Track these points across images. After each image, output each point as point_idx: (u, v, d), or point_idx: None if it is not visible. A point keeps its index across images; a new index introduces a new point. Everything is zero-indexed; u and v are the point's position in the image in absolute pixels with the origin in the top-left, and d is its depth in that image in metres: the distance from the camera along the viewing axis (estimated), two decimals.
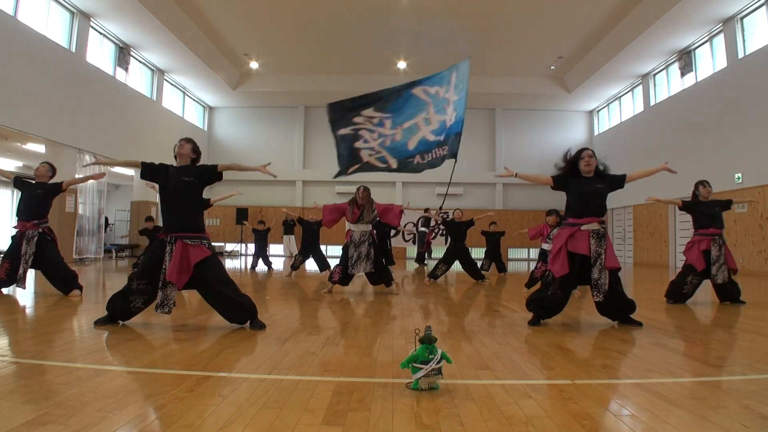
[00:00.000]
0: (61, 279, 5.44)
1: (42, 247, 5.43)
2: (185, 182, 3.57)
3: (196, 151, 3.83)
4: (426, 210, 11.79)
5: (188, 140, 3.81)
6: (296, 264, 9.19)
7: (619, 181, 3.96)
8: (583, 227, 3.80)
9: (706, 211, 5.64)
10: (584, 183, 3.89)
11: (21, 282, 5.34)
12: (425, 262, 13.65)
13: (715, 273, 5.40)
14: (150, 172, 3.67)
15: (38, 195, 5.57)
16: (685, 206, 5.81)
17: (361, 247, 5.99)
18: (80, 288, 5.50)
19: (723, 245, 5.50)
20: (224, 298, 3.53)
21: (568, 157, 4.01)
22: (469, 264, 8.36)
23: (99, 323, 3.59)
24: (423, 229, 13.79)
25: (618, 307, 3.90)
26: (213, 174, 3.70)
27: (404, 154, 6.16)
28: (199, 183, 3.68)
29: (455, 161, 6.03)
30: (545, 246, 6.71)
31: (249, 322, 3.62)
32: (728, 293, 5.54)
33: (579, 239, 3.79)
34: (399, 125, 6.11)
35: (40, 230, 5.50)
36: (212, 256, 3.59)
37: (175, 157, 3.76)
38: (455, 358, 2.76)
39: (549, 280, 3.86)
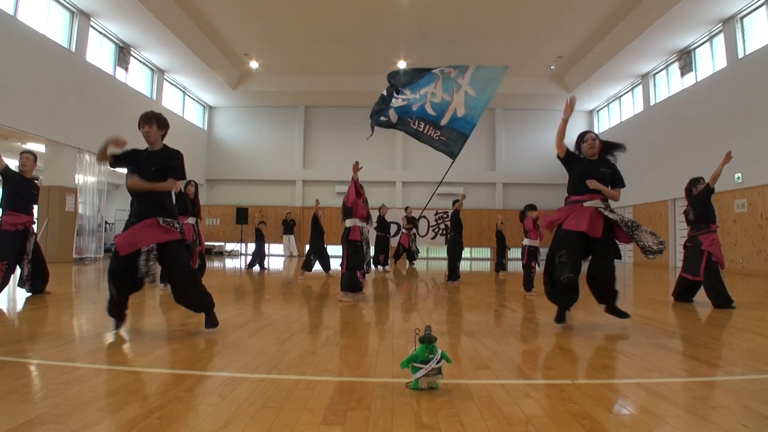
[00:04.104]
0: (43, 275, 5.32)
1: (35, 246, 5.31)
2: (154, 171, 3.33)
3: (162, 126, 3.48)
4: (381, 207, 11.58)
5: (149, 120, 3.40)
6: (310, 264, 8.99)
7: (620, 180, 3.90)
8: (585, 204, 3.76)
9: (711, 205, 5.62)
10: (588, 164, 3.87)
11: (26, 284, 5.18)
12: (396, 260, 13.69)
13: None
14: (118, 159, 3.42)
15: (35, 196, 5.35)
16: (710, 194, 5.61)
17: (369, 245, 6.00)
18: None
19: None
20: (183, 285, 3.35)
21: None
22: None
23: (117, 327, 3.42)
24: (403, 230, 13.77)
25: (605, 289, 3.85)
26: (180, 171, 3.45)
27: (405, 111, 6.12)
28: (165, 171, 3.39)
29: (452, 162, 5.98)
30: (525, 242, 6.76)
31: (205, 316, 3.46)
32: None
33: (580, 216, 3.74)
34: (413, 91, 6.14)
35: (32, 228, 5.31)
36: (182, 240, 3.40)
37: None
38: (455, 358, 2.76)
39: (556, 263, 3.78)
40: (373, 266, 11.08)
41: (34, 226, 5.37)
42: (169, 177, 3.36)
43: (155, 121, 3.43)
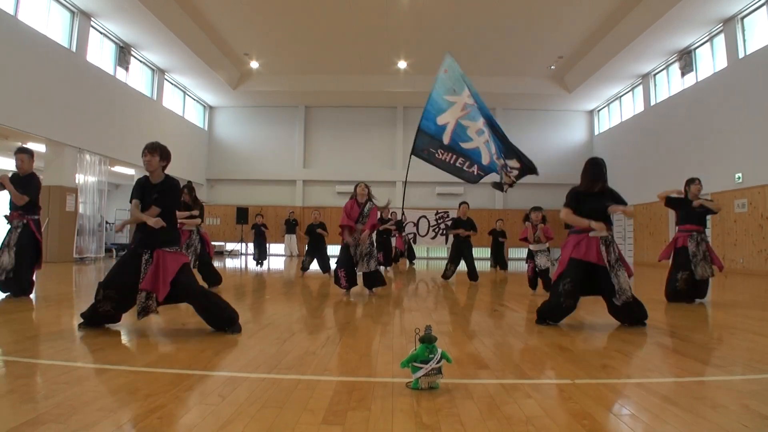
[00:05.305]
0: (18, 279, 5.00)
1: (22, 242, 5.06)
2: (155, 199, 3.47)
3: (165, 157, 3.55)
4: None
5: (152, 151, 3.48)
6: (306, 265, 9.13)
7: (619, 201, 3.94)
8: (591, 234, 3.83)
9: (687, 208, 5.70)
10: (592, 201, 3.92)
11: (2, 275, 4.97)
12: (398, 261, 13.64)
13: (695, 266, 5.48)
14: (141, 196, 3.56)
15: (26, 190, 5.14)
16: (668, 202, 5.82)
17: (362, 245, 5.87)
18: (27, 295, 5.08)
19: (702, 242, 5.55)
20: (207, 303, 3.43)
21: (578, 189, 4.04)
22: (469, 262, 8.38)
23: (82, 327, 3.43)
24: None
25: (634, 314, 3.88)
26: (173, 205, 3.61)
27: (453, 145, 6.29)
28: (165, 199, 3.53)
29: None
30: (532, 247, 6.68)
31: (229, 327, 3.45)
32: (701, 290, 5.61)
33: (587, 247, 3.81)
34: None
35: (25, 221, 5.12)
36: (189, 263, 3.52)
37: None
38: (455, 358, 2.76)
39: (560, 291, 3.83)
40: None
41: (18, 221, 5.11)
42: (154, 205, 3.46)
43: (158, 152, 3.50)
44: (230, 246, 19.00)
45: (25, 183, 5.17)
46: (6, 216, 5.21)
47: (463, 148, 6.25)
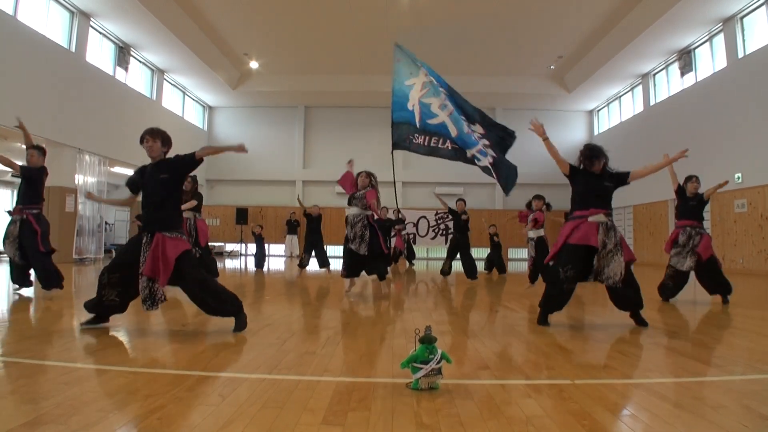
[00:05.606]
0: (39, 272, 5.31)
1: (23, 235, 5.27)
2: (163, 179, 3.43)
3: (166, 143, 3.56)
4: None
5: (154, 135, 3.51)
6: (304, 262, 9.20)
7: (622, 179, 3.98)
8: (589, 219, 3.82)
9: (683, 203, 5.78)
10: (591, 179, 3.93)
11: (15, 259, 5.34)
12: (397, 261, 13.64)
13: (673, 254, 5.54)
14: (135, 187, 3.58)
15: (29, 184, 5.44)
16: (678, 189, 5.88)
17: (355, 227, 5.98)
18: (61, 287, 5.41)
19: (695, 236, 5.54)
20: (203, 295, 3.39)
21: (584, 155, 4.02)
22: (465, 259, 8.50)
23: (85, 325, 3.46)
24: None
25: (622, 299, 3.90)
26: (191, 164, 3.49)
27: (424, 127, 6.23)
28: (177, 177, 3.51)
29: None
30: (531, 234, 6.79)
31: (235, 320, 3.48)
32: (713, 284, 5.60)
33: (587, 231, 3.80)
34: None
35: (24, 216, 5.26)
36: (190, 250, 3.47)
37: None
38: (455, 358, 2.76)
39: (562, 277, 3.82)
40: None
41: (17, 216, 5.36)
42: (194, 155, 3.46)
43: (160, 137, 3.52)
44: (230, 247, 19.00)
45: (32, 171, 5.44)
46: (8, 211, 5.48)
47: (431, 125, 6.21)
